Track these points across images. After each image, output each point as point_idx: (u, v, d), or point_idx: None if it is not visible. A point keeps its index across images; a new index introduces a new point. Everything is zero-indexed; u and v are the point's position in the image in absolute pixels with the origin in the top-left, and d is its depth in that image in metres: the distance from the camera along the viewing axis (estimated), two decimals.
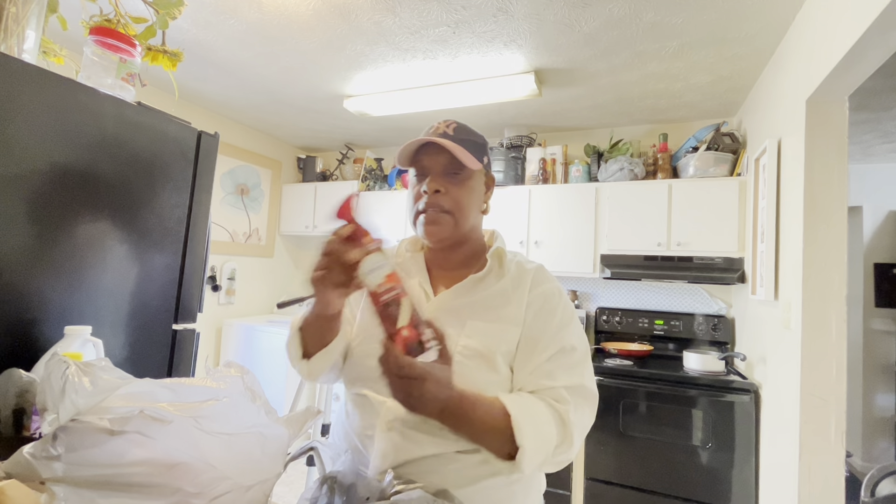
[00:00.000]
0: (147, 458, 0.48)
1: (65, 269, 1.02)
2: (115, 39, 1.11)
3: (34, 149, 0.95)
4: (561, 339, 0.77)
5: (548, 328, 0.77)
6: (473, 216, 0.84)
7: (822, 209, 1.56)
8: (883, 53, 1.26)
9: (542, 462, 0.70)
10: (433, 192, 0.79)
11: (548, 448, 0.69)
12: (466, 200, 0.81)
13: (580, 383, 0.75)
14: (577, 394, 0.74)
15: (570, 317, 0.80)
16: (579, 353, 0.77)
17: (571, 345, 0.77)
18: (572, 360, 0.76)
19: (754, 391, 2.10)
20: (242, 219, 3.44)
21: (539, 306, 0.79)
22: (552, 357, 0.75)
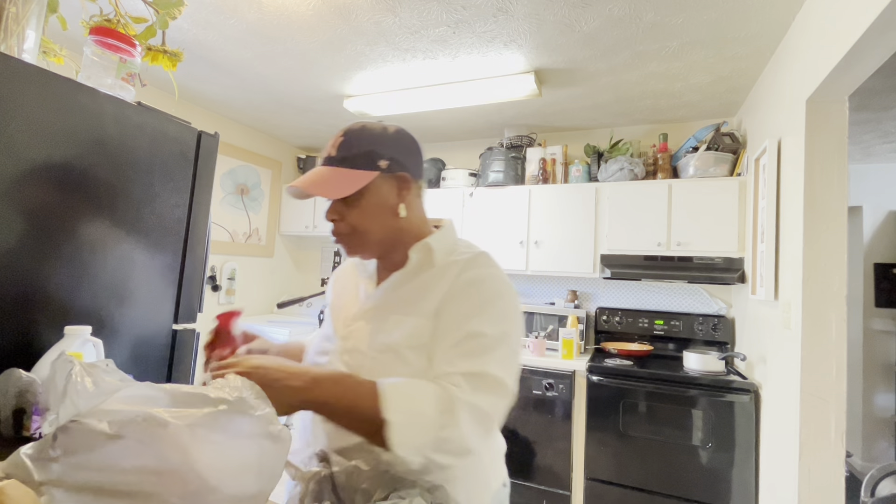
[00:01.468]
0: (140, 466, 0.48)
1: (65, 268, 1.02)
2: (115, 39, 1.11)
3: (34, 149, 0.95)
4: (470, 325, 0.73)
5: (459, 314, 0.75)
6: (382, 228, 0.81)
7: (822, 209, 1.56)
8: (883, 53, 1.26)
9: (424, 441, 0.64)
10: (331, 221, 0.81)
11: (424, 423, 0.64)
12: (362, 220, 0.79)
13: (481, 370, 0.69)
14: (476, 380, 0.69)
15: (488, 302, 0.76)
16: (488, 340, 0.72)
17: (480, 331, 0.72)
18: (478, 345, 0.72)
19: (754, 391, 2.10)
20: (242, 219, 3.44)
21: (457, 292, 0.77)
22: (457, 343, 0.73)
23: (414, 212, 0.84)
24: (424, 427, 0.64)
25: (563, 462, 2.40)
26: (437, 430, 0.64)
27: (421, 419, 0.64)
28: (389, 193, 0.81)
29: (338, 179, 0.76)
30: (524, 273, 2.90)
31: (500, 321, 0.75)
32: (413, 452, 0.63)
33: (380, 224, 0.80)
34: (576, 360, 2.51)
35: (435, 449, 0.64)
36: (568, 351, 2.56)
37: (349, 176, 0.76)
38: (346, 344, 0.82)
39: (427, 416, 0.65)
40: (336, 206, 0.79)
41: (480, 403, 0.68)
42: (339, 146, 0.79)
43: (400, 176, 0.81)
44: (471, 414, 0.67)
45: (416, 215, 0.85)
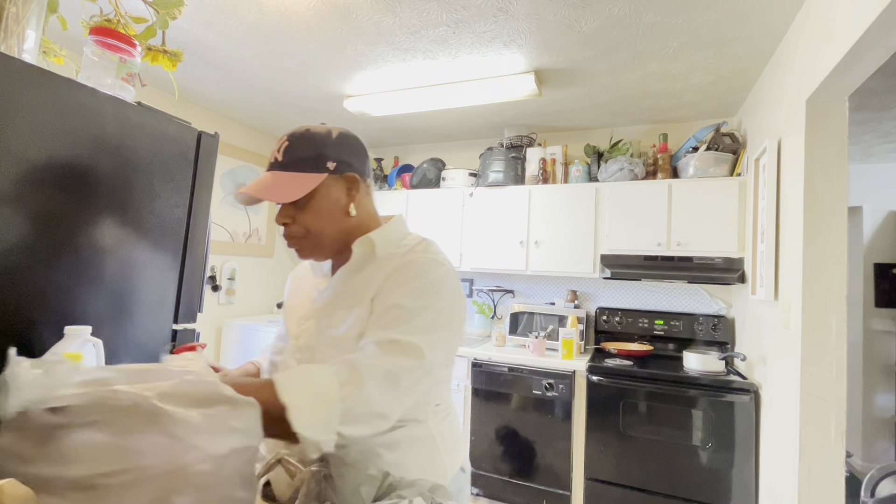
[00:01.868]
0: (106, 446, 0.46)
1: (65, 268, 1.02)
2: (115, 39, 1.11)
3: (34, 149, 0.95)
4: (388, 299, 0.75)
5: (388, 288, 0.77)
6: (335, 228, 0.83)
7: (822, 209, 1.56)
8: (883, 53, 1.26)
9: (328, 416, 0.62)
10: (283, 225, 0.83)
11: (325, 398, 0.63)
12: (315, 222, 0.81)
13: (393, 338, 0.70)
14: (385, 346, 0.69)
15: (411, 280, 0.77)
16: (404, 311, 0.73)
17: (398, 303, 0.74)
18: (394, 316, 0.73)
19: (754, 391, 2.10)
20: (242, 219, 3.44)
21: (390, 276, 0.79)
22: (378, 317, 0.75)
23: (364, 210, 0.86)
24: (325, 401, 0.63)
25: (563, 462, 2.40)
26: (339, 401, 0.63)
27: (321, 395, 0.63)
28: (339, 194, 0.83)
29: (287, 183, 0.78)
30: (524, 273, 2.90)
31: (421, 296, 0.75)
32: (320, 431, 0.61)
33: (332, 225, 0.83)
34: (576, 360, 2.51)
35: (343, 421, 0.63)
36: (568, 351, 2.56)
37: (298, 179, 0.78)
38: (298, 342, 0.85)
39: (327, 390, 0.64)
40: (287, 210, 0.82)
41: (385, 364, 0.68)
42: (284, 151, 0.80)
43: (349, 176, 0.83)
44: (375, 376, 0.66)
45: (367, 213, 0.87)
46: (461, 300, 0.82)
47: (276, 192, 0.78)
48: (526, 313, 3.01)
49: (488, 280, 3.37)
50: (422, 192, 3.25)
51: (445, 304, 0.77)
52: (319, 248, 0.84)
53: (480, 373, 2.64)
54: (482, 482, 2.59)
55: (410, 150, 3.71)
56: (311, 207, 0.81)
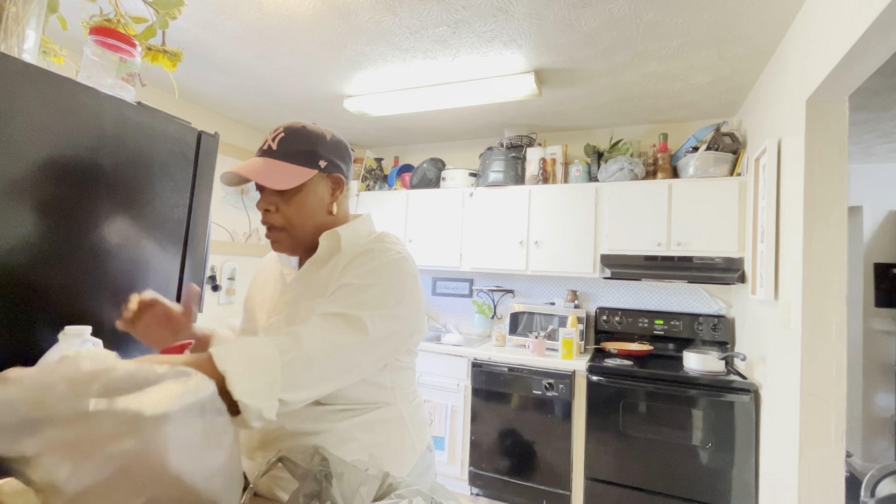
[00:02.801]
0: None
1: (65, 268, 1.02)
2: (115, 39, 1.10)
3: (34, 149, 0.95)
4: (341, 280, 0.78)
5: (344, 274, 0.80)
6: (314, 223, 0.86)
7: (822, 209, 1.56)
8: (883, 53, 1.26)
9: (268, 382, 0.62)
10: (264, 212, 0.84)
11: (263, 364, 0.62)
12: (298, 215, 0.84)
13: (336, 311, 0.72)
14: (328, 316, 0.71)
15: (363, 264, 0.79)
16: (351, 288, 0.75)
17: (345, 283, 0.77)
18: (341, 293, 0.75)
19: (754, 391, 2.10)
20: (242, 219, 3.44)
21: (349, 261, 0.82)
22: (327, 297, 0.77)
23: (342, 211, 0.91)
24: (266, 368, 0.62)
25: (563, 462, 2.40)
26: (280, 368, 0.63)
27: (260, 362, 0.62)
28: (324, 192, 0.87)
29: (280, 171, 0.80)
30: (524, 273, 2.91)
31: (371, 275, 0.78)
32: (262, 397, 0.60)
33: (312, 220, 0.86)
34: (576, 360, 2.51)
35: (284, 388, 0.63)
36: (568, 351, 2.56)
37: (290, 170, 0.81)
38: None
39: (267, 358, 0.63)
40: (271, 198, 0.83)
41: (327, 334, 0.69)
42: (279, 141, 0.83)
43: (335, 177, 0.88)
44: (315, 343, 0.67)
45: (343, 214, 0.92)
46: (415, 285, 0.83)
47: (268, 177, 0.79)
48: (526, 313, 3.01)
49: (488, 280, 3.38)
50: (422, 192, 3.25)
51: (395, 283, 0.79)
52: (296, 241, 0.87)
53: (480, 373, 2.64)
54: (482, 482, 2.59)
55: (410, 150, 3.71)
56: (296, 200, 0.83)
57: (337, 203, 0.89)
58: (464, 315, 3.40)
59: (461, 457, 2.67)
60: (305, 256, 0.92)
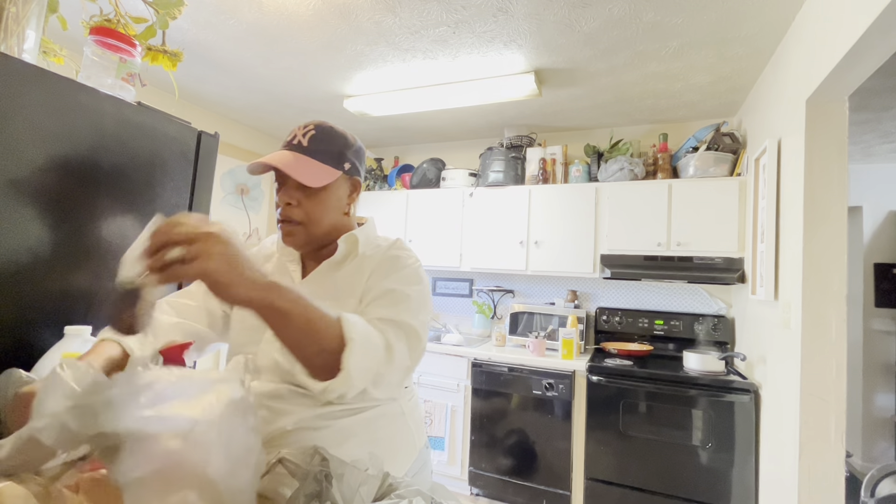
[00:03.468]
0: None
1: (65, 268, 1.02)
2: (115, 39, 1.10)
3: (34, 149, 0.95)
4: (381, 285, 0.82)
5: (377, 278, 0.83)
6: (330, 222, 0.88)
7: (822, 209, 1.56)
8: (883, 53, 1.26)
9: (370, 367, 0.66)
10: (285, 205, 0.84)
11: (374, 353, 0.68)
12: (319, 212, 0.85)
13: (391, 317, 0.76)
14: (389, 324, 0.75)
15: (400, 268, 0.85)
16: (397, 294, 0.80)
17: (389, 288, 0.81)
18: (388, 299, 0.80)
19: (754, 391, 2.10)
20: (242, 219, 3.44)
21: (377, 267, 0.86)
22: (372, 300, 0.80)
23: (352, 213, 0.95)
24: (374, 356, 0.68)
25: (563, 462, 2.40)
26: (381, 363, 0.69)
27: (373, 348, 0.68)
28: (344, 193, 0.90)
29: (310, 168, 0.82)
30: (524, 273, 2.91)
31: (411, 283, 0.83)
32: (360, 377, 0.65)
33: (329, 219, 0.88)
34: (576, 360, 2.51)
35: (374, 380, 0.68)
36: (568, 351, 2.56)
37: (320, 168, 0.82)
38: None
39: (377, 347, 0.69)
40: (294, 193, 0.84)
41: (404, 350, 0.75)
42: (310, 138, 0.84)
43: (355, 180, 0.91)
44: (398, 357, 0.73)
45: (352, 216, 0.95)
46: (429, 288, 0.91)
47: (299, 172, 0.80)
48: (526, 313, 3.01)
49: (488, 280, 3.37)
50: (422, 192, 3.25)
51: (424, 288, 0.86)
52: (310, 237, 0.87)
53: (480, 373, 2.64)
54: (482, 482, 2.59)
55: (410, 150, 3.71)
56: (319, 198, 0.85)
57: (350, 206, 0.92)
58: (464, 315, 3.40)
59: (461, 457, 2.67)
60: (311, 254, 0.93)
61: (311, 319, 0.61)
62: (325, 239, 0.89)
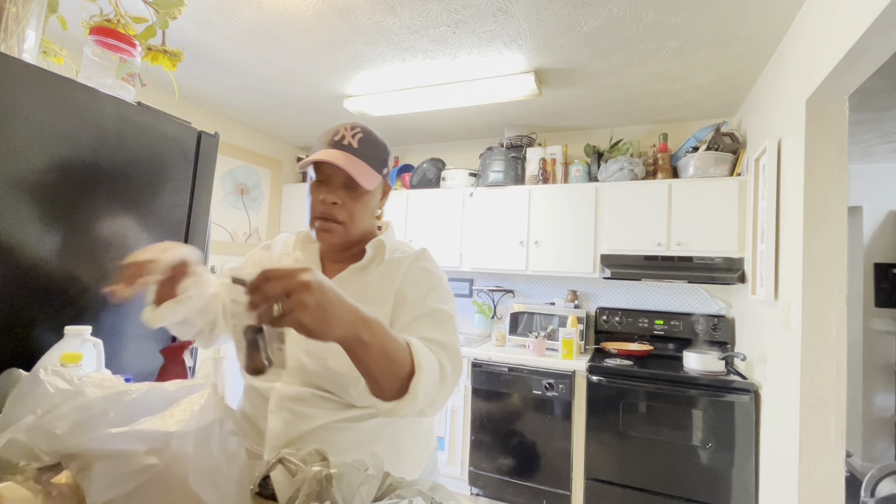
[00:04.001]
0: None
1: (65, 268, 1.02)
2: (115, 39, 1.10)
3: (34, 149, 0.95)
4: (425, 303, 0.83)
5: (415, 292, 0.84)
6: (366, 224, 0.90)
7: (822, 209, 1.56)
8: (883, 53, 1.26)
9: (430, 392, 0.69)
10: (330, 204, 0.84)
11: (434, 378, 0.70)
12: (360, 213, 0.87)
13: (439, 339, 0.77)
14: (439, 346, 0.76)
15: (436, 284, 0.86)
16: (441, 314, 0.82)
17: (434, 308, 0.82)
18: (434, 319, 0.81)
19: (754, 391, 2.10)
20: (242, 219, 3.44)
21: (409, 278, 0.86)
22: (416, 318, 0.81)
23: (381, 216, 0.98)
24: (434, 381, 0.70)
25: (563, 462, 2.40)
26: (439, 387, 0.72)
27: (435, 374, 0.71)
28: (378, 197, 0.92)
29: (364, 169, 0.83)
30: (524, 273, 2.91)
31: (447, 301, 0.86)
32: (423, 400, 0.68)
33: (366, 221, 0.89)
34: (576, 360, 2.51)
35: (429, 403, 0.70)
36: (568, 351, 2.56)
37: (369, 171, 0.84)
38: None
39: (437, 372, 0.71)
40: (340, 192, 0.84)
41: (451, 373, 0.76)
42: (359, 140, 0.84)
43: (388, 185, 0.94)
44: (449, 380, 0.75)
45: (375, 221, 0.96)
46: None
47: (357, 172, 0.81)
48: (526, 313, 3.01)
49: (488, 280, 3.37)
50: (422, 192, 3.25)
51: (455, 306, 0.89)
52: (348, 237, 0.87)
53: (480, 373, 2.64)
54: (482, 482, 2.59)
55: (410, 150, 3.71)
56: (363, 200, 0.86)
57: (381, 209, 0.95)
58: (464, 315, 3.40)
59: (461, 457, 2.67)
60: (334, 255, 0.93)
61: (388, 349, 0.64)
62: (358, 240, 0.90)
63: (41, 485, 0.51)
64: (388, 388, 0.66)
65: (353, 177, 0.80)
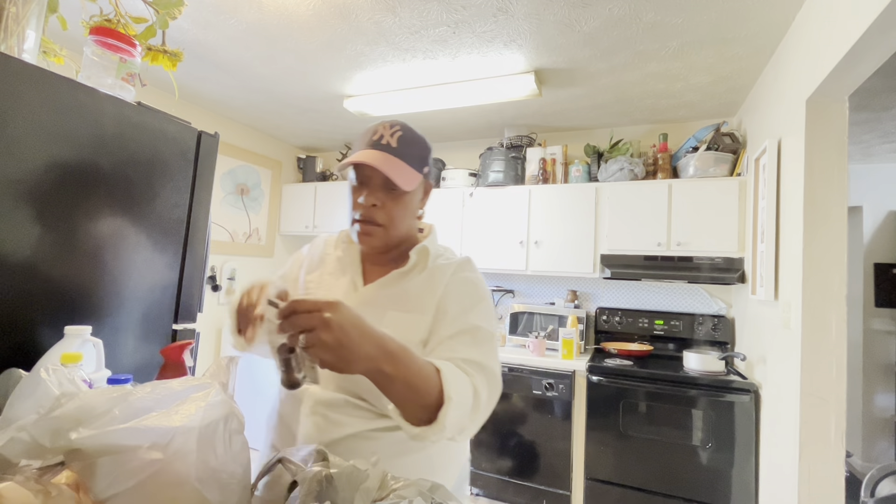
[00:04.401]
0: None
1: (65, 268, 1.02)
2: (115, 39, 1.10)
3: (34, 149, 0.95)
4: (466, 319, 0.80)
5: (457, 306, 0.81)
6: (407, 226, 0.87)
7: (822, 209, 1.56)
8: (883, 53, 1.26)
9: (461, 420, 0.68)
10: (370, 206, 0.82)
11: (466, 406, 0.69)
12: (401, 215, 0.84)
13: (478, 360, 0.76)
14: (476, 368, 0.75)
15: (480, 299, 0.84)
16: (483, 333, 0.79)
17: (475, 325, 0.79)
18: (475, 338, 0.78)
19: (754, 391, 2.10)
20: (242, 219, 3.44)
21: (452, 289, 0.83)
22: (456, 334, 0.78)
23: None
24: (465, 410, 0.69)
25: (563, 462, 2.40)
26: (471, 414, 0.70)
27: (466, 403, 0.69)
28: (419, 198, 0.89)
29: (403, 170, 0.80)
30: (524, 273, 2.91)
31: (490, 318, 0.83)
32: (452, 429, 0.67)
33: (407, 223, 0.87)
34: (576, 360, 2.51)
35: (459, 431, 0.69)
36: (568, 351, 2.56)
37: (409, 171, 0.81)
38: None
39: (468, 399, 0.69)
40: (379, 194, 0.82)
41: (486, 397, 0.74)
42: (398, 139, 0.81)
43: (429, 184, 0.90)
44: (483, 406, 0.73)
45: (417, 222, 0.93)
46: None
47: (395, 173, 0.79)
48: (526, 313, 3.00)
49: (488, 280, 3.37)
50: None
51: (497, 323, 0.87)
52: (389, 239, 0.85)
53: None
54: (482, 482, 2.59)
55: None
56: (403, 200, 0.83)
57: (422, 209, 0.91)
58: None
59: None
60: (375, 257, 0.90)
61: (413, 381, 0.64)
62: (399, 242, 0.87)
63: (41, 485, 0.51)
64: (414, 416, 0.66)
65: (391, 178, 0.78)
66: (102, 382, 0.89)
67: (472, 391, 0.70)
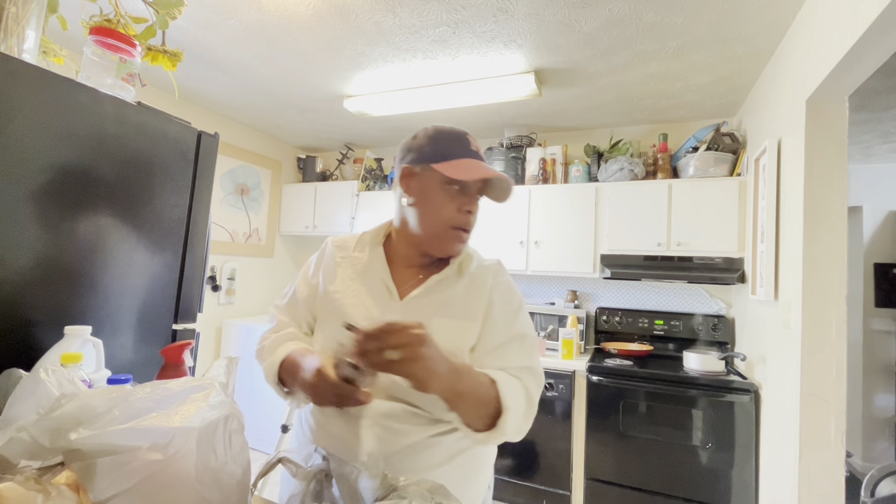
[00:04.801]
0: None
1: (65, 268, 1.02)
2: (115, 39, 1.11)
3: (34, 149, 0.95)
4: (513, 327, 0.85)
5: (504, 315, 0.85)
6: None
7: (822, 209, 1.56)
8: (883, 53, 1.26)
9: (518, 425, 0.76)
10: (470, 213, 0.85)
11: (521, 412, 0.76)
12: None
13: (529, 365, 0.83)
14: (528, 373, 0.82)
15: (520, 306, 0.89)
16: (529, 340, 0.86)
17: (522, 333, 0.85)
18: (523, 345, 0.84)
19: (754, 391, 2.10)
20: (242, 219, 3.44)
21: (497, 297, 0.87)
22: (505, 343, 0.83)
23: None
24: (521, 415, 0.76)
25: (563, 462, 2.40)
26: (526, 416, 0.78)
27: (521, 408, 0.76)
28: None
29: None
30: (524, 273, 2.90)
31: (530, 323, 0.89)
32: (510, 435, 0.75)
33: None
34: (576, 360, 2.51)
35: (516, 432, 0.76)
36: (568, 351, 2.56)
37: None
38: None
39: (523, 404, 0.77)
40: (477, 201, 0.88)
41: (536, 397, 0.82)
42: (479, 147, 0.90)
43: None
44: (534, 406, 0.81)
45: None
46: None
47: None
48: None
49: None
50: None
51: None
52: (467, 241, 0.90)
53: None
54: None
55: None
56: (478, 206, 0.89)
57: None
58: None
59: None
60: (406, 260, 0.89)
61: (479, 396, 0.72)
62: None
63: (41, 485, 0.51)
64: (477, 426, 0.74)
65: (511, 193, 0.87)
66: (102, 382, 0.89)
67: (524, 396, 0.77)
